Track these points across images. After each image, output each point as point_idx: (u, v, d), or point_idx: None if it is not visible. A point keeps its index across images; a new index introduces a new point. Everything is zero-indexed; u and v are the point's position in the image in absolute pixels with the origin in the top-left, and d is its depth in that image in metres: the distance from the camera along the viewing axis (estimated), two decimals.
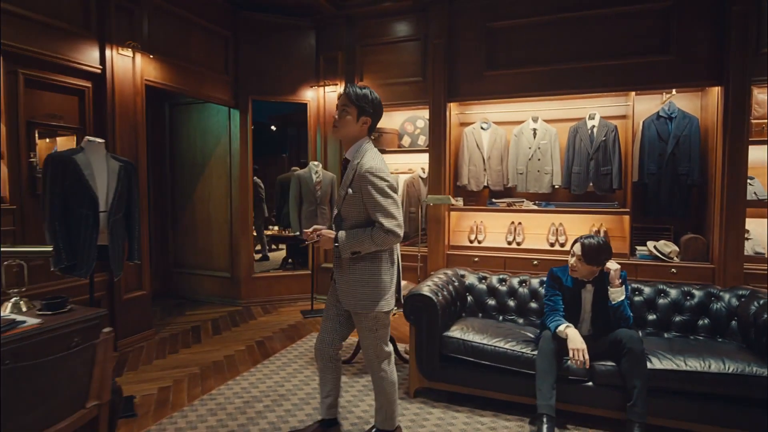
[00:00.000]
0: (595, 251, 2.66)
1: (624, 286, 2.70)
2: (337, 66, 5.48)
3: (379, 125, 5.81)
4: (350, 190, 2.19)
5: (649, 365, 2.49)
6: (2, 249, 2.15)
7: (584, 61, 4.62)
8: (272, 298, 5.60)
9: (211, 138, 5.59)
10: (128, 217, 2.88)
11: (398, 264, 2.36)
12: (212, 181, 5.61)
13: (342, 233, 2.20)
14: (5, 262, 2.20)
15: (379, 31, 5.41)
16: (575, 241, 2.75)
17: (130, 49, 4.01)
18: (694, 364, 2.47)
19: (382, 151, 5.31)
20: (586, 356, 2.50)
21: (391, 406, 2.39)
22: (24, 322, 2.01)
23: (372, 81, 5.46)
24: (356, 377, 3.42)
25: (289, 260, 6.76)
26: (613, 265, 2.69)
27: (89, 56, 3.79)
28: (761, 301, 2.75)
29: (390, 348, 2.38)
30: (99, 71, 3.85)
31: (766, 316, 2.61)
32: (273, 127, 9.49)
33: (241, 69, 5.34)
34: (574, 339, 2.54)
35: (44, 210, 2.61)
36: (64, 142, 3.71)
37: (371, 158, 2.18)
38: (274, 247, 7.84)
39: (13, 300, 2.20)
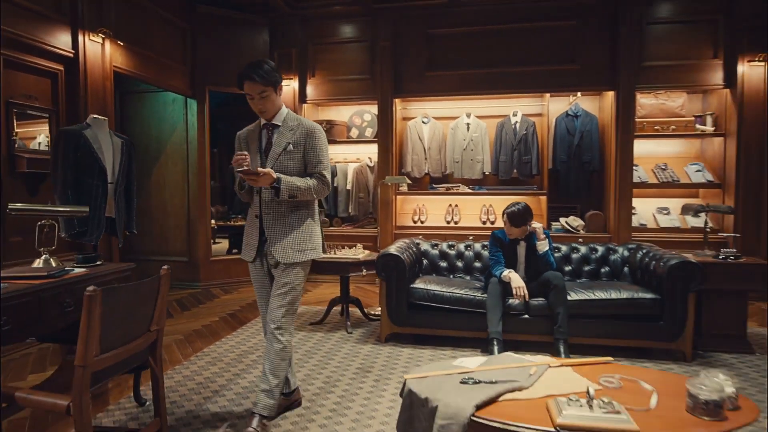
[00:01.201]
0: (519, 216, 3.40)
1: (547, 240, 3.47)
2: (291, 62, 5.88)
3: (329, 117, 6.31)
4: (291, 146, 2.30)
5: (569, 297, 3.27)
6: (40, 208, 2.40)
7: (509, 67, 5.47)
8: (231, 279, 5.87)
9: (167, 126, 5.74)
10: (128, 189, 3.15)
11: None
12: (168, 168, 5.76)
13: (283, 176, 2.23)
14: (38, 223, 2.44)
15: (331, 32, 5.91)
16: (503, 212, 3.48)
17: (100, 36, 4.17)
18: (600, 294, 3.30)
19: (333, 142, 5.86)
20: (525, 291, 3.24)
21: (281, 383, 2.34)
22: (73, 270, 2.30)
23: (323, 77, 5.95)
24: (329, 334, 3.91)
25: (234, 250, 6.98)
26: (536, 224, 3.46)
27: (62, 40, 3.92)
28: (643, 251, 3.67)
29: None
30: (71, 55, 3.99)
31: (646, 260, 3.52)
32: None
33: (198, 60, 5.58)
34: (516, 279, 3.27)
35: (56, 181, 2.83)
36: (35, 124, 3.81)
37: (305, 118, 2.40)
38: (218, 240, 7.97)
39: (44, 257, 2.46)
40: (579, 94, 5.52)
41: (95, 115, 3.01)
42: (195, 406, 2.64)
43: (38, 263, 2.43)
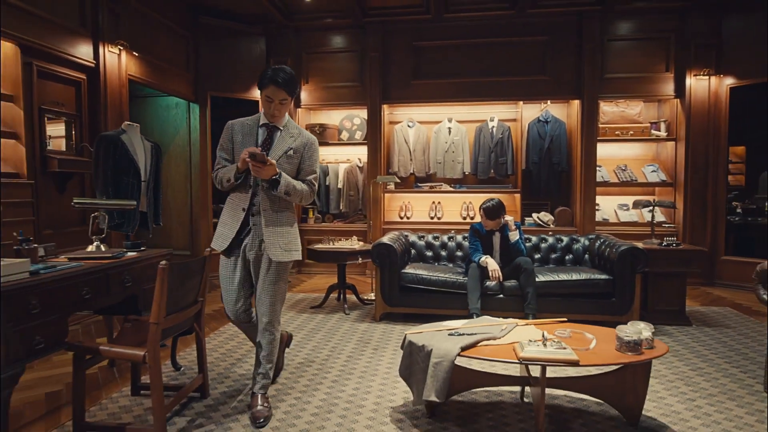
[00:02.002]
0: (493, 210, 3.96)
1: (518, 230, 4.03)
2: None
3: (321, 121, 6.79)
4: (292, 151, 2.41)
5: (536, 279, 3.84)
6: (97, 201, 2.85)
7: (486, 77, 6.05)
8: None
9: (170, 129, 6.14)
10: (156, 187, 3.59)
11: None
12: (171, 169, 6.16)
13: (282, 172, 2.33)
14: (92, 214, 2.88)
15: (323, 42, 6.40)
16: (480, 207, 4.03)
17: (118, 47, 4.58)
18: (563, 276, 3.88)
19: (325, 144, 6.35)
20: (500, 273, 3.80)
21: (275, 364, 2.54)
22: (126, 253, 2.75)
23: (316, 84, 6.43)
24: (329, 315, 4.41)
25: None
26: (508, 218, 4.02)
27: (85, 52, 4.32)
28: (601, 240, 4.27)
29: None
30: (93, 65, 4.39)
31: (603, 247, 4.12)
32: None
33: (201, 68, 6.00)
34: (492, 263, 3.83)
35: (97, 179, 3.26)
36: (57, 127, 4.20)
37: (303, 129, 2.53)
38: None
39: (96, 243, 2.90)
40: (549, 102, 6.13)
41: (129, 122, 3.46)
42: (224, 369, 3.11)
43: (91, 248, 2.87)
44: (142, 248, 2.95)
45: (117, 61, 4.63)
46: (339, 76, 6.41)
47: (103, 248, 2.88)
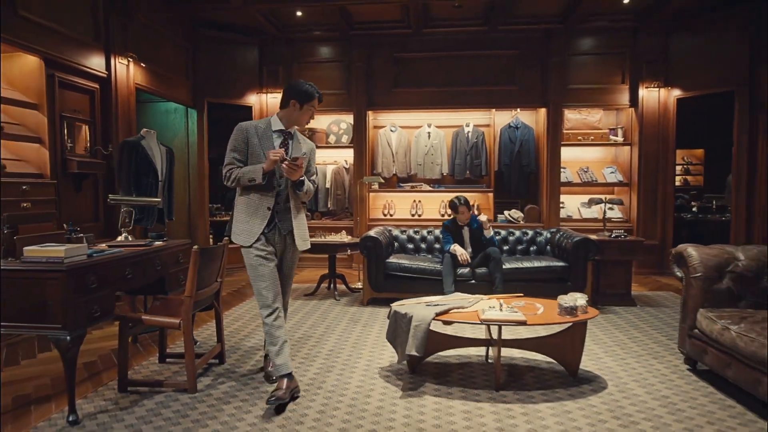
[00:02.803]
0: (451, 205, 4.52)
1: (491, 228, 4.61)
2: (279, 77, 6.84)
3: (310, 126, 7.30)
4: (304, 155, 2.68)
5: (504, 266, 4.43)
6: (128, 199, 3.32)
7: (463, 86, 6.64)
8: (229, 266, 6.75)
9: (169, 133, 6.56)
10: (169, 187, 4.06)
11: None
12: None
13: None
14: (123, 209, 3.35)
15: (313, 53, 6.91)
16: (449, 205, 4.60)
17: (127, 59, 5.02)
18: (526, 264, 4.49)
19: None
20: (467, 257, 4.39)
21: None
22: (154, 242, 3.23)
23: None
24: (321, 301, 4.93)
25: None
26: (483, 217, 4.60)
27: (98, 63, 4.75)
28: (560, 233, 4.89)
29: None
30: (105, 75, 4.83)
31: (561, 239, 4.74)
32: None
33: (199, 75, 6.45)
34: (459, 249, 4.42)
35: (121, 179, 3.73)
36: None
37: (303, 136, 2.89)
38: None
39: (123, 234, 3.37)
40: (519, 109, 6.76)
41: (147, 129, 3.92)
42: (237, 341, 3.62)
43: (120, 238, 3.34)
44: (165, 239, 3.43)
45: (126, 72, 5.07)
46: (327, 84, 6.91)
47: (130, 238, 3.36)
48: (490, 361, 3.17)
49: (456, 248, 4.47)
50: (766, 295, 2.85)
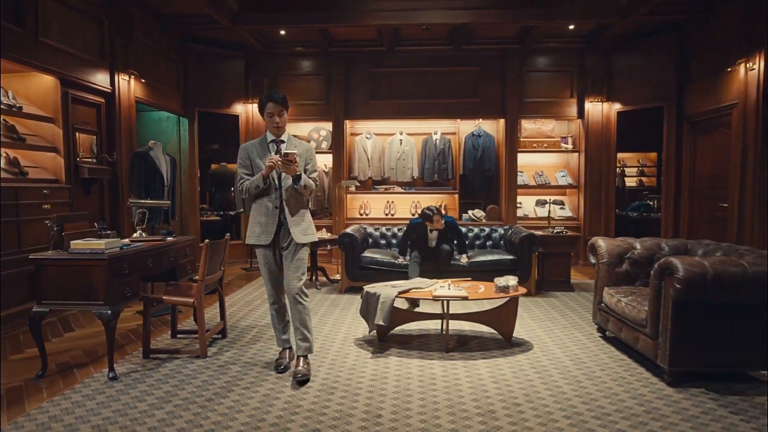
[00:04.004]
0: (425, 216, 5.15)
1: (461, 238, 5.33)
2: (263, 89, 7.46)
3: (293, 133, 7.92)
4: (296, 153, 2.90)
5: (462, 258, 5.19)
6: (144, 202, 3.95)
7: (431, 99, 7.40)
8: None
9: (162, 140, 7.05)
10: (173, 191, 4.68)
11: None
12: None
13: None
14: (138, 210, 3.97)
15: (295, 66, 7.56)
16: (426, 212, 5.24)
17: (129, 74, 5.60)
18: (480, 258, 5.26)
19: None
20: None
21: (311, 331, 3.09)
22: (167, 238, 3.87)
23: (289, 101, 7.52)
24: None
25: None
26: (463, 259, 5.24)
27: (103, 79, 5.33)
28: (512, 230, 5.68)
29: None
30: (109, 91, 5.41)
31: (512, 235, 5.52)
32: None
33: (189, 87, 7.04)
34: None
35: (132, 184, 4.34)
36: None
37: (302, 141, 3.26)
38: None
39: (138, 231, 3.99)
40: (481, 120, 7.55)
41: (154, 141, 4.54)
42: (235, 321, 4.28)
43: (136, 235, 3.96)
44: (174, 235, 4.07)
45: (127, 86, 5.65)
46: (308, 95, 7.59)
47: (144, 235, 3.98)
48: (444, 333, 3.92)
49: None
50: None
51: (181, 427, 2.44)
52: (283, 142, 3.10)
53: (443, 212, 5.36)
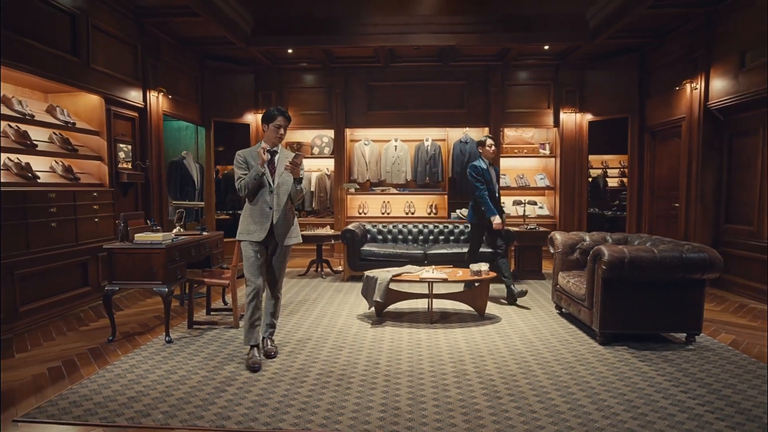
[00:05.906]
0: (480, 142, 5.79)
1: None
2: (271, 100, 8.30)
3: (298, 140, 8.84)
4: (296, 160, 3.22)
5: (451, 251, 6.04)
6: (177, 203, 4.78)
7: (423, 109, 8.25)
8: (229, 255, 8.18)
9: (182, 147, 7.93)
10: (201, 193, 5.51)
11: None
12: None
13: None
14: (177, 210, 4.80)
15: (300, 80, 8.40)
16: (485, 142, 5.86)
17: (157, 92, 6.42)
18: (466, 250, 6.12)
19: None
20: (502, 226, 5.98)
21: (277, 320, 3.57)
22: (203, 232, 4.70)
23: (294, 111, 8.42)
24: (311, 280, 6.45)
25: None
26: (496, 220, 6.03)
27: (136, 96, 6.15)
28: None
29: None
30: (142, 106, 6.22)
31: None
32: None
33: (206, 98, 7.86)
34: (497, 219, 5.87)
35: (170, 188, 5.17)
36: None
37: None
38: None
39: (177, 228, 4.82)
40: (467, 128, 8.40)
41: (186, 151, 5.37)
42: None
43: (176, 230, 4.78)
44: (207, 231, 4.90)
45: (156, 102, 6.47)
46: (312, 106, 8.42)
47: (182, 230, 4.81)
48: (429, 310, 4.77)
49: (495, 219, 4.96)
50: None
51: (226, 376, 3.28)
52: (275, 152, 3.41)
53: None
